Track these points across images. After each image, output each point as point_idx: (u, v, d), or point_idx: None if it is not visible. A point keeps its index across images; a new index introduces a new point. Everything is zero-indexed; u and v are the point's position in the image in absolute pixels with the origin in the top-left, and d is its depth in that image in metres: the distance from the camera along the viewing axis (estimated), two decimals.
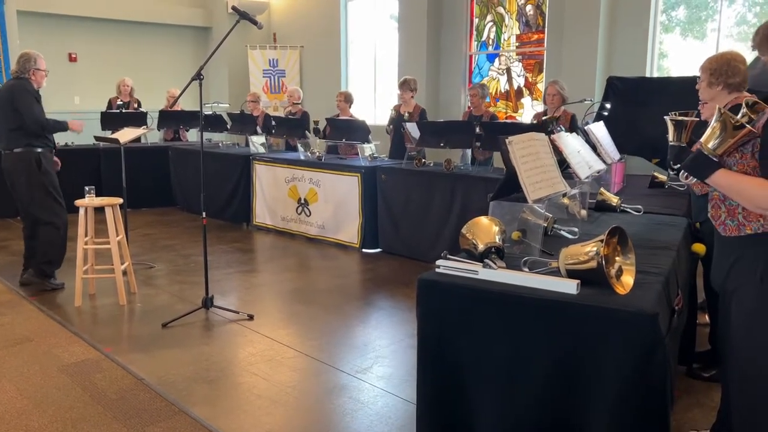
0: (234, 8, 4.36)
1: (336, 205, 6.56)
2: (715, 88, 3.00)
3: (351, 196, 6.38)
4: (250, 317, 4.43)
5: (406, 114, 7.00)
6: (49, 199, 5.02)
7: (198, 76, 4.23)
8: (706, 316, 3.64)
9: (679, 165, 2.24)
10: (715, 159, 2.10)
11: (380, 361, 3.76)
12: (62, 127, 5.16)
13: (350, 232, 6.46)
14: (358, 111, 7.84)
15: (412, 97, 7.05)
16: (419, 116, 6.88)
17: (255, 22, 4.35)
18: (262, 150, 7.68)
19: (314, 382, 3.48)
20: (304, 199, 6.88)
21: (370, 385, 3.44)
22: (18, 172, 4.95)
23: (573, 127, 5.63)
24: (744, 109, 2.05)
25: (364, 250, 6.35)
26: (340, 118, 7.30)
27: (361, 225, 6.33)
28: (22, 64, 4.95)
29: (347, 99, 7.52)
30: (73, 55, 10.77)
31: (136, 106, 8.76)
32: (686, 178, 2.23)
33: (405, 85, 7.01)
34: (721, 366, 2.45)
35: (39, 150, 4.97)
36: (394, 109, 7.24)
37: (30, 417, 3.04)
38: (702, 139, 2.15)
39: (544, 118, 5.73)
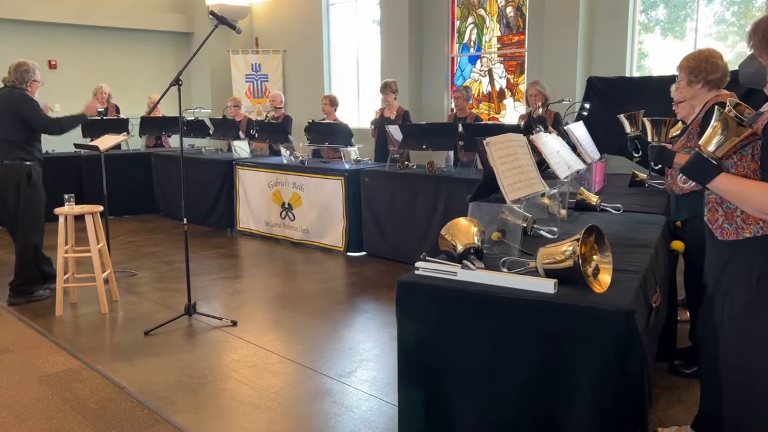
0: (212, 13, 4.32)
1: (320, 209, 6.54)
2: (695, 86, 3.03)
3: (335, 199, 6.37)
4: (234, 323, 4.40)
5: (393, 115, 7.03)
6: (34, 215, 4.89)
7: (177, 82, 4.20)
8: (687, 313, 3.67)
9: (660, 166, 2.19)
10: (714, 162, 2.01)
11: (364, 365, 3.75)
12: (80, 119, 5.07)
13: (334, 235, 6.44)
14: (342, 114, 7.85)
15: (395, 98, 7.09)
16: (402, 118, 6.91)
17: (233, 27, 4.33)
18: (245, 155, 7.65)
19: (298, 387, 3.46)
20: (288, 204, 6.86)
21: (354, 389, 3.42)
22: (8, 185, 4.81)
23: (557, 124, 5.68)
24: (729, 108, 1.96)
25: (348, 253, 6.34)
26: (324, 121, 7.29)
27: (346, 228, 6.32)
28: (21, 75, 4.82)
29: (332, 102, 7.52)
30: (53, 62, 10.67)
31: (115, 112, 8.68)
32: (684, 182, 2.16)
33: (387, 88, 7.04)
34: (700, 364, 2.44)
35: (29, 163, 4.85)
36: (378, 112, 7.26)
37: (9, 428, 3.00)
38: (701, 142, 2.06)
39: (530, 112, 5.78)
